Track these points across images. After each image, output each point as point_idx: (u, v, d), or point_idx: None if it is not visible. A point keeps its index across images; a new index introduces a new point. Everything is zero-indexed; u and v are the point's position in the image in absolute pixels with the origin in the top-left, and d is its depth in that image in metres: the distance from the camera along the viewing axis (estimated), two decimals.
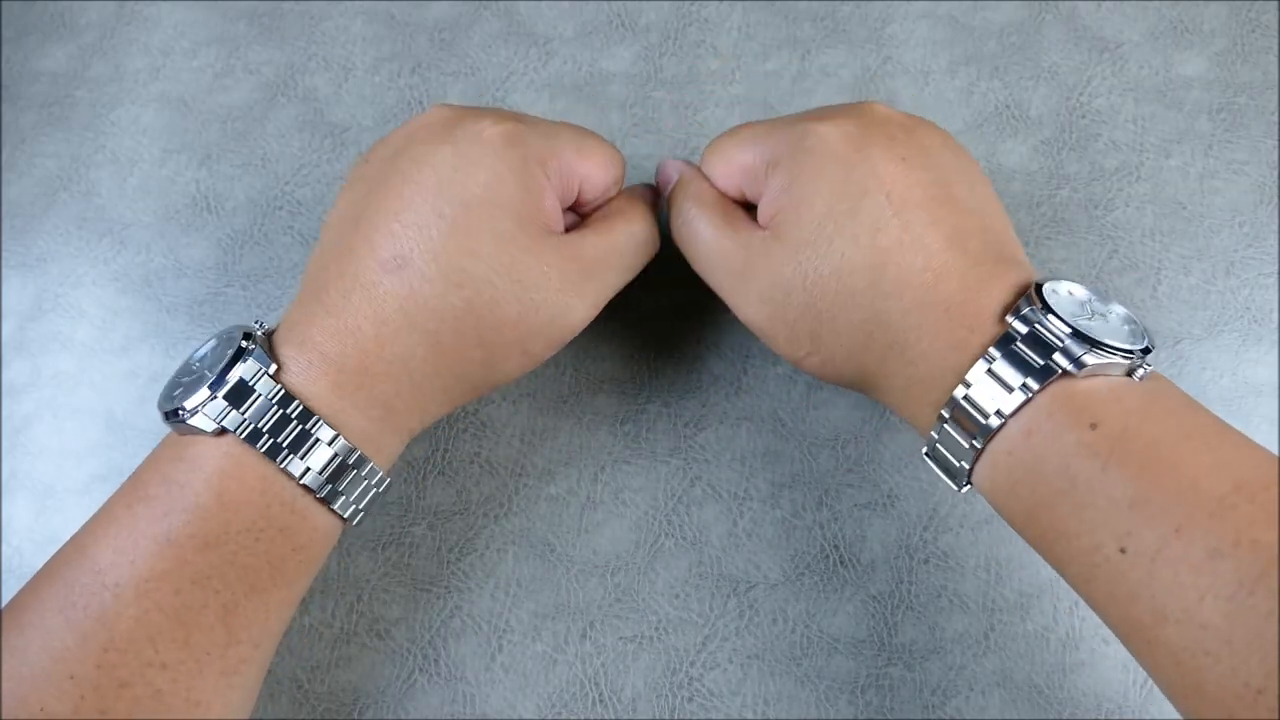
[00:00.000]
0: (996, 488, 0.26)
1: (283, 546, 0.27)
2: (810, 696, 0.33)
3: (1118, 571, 0.23)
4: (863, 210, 0.28)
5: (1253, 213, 0.38)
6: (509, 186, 0.29)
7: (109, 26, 0.44)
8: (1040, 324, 0.25)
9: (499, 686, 0.34)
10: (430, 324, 0.28)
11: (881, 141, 0.28)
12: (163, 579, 0.25)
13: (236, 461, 0.27)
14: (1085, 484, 0.24)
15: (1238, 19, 0.41)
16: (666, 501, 0.36)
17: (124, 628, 0.25)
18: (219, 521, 0.26)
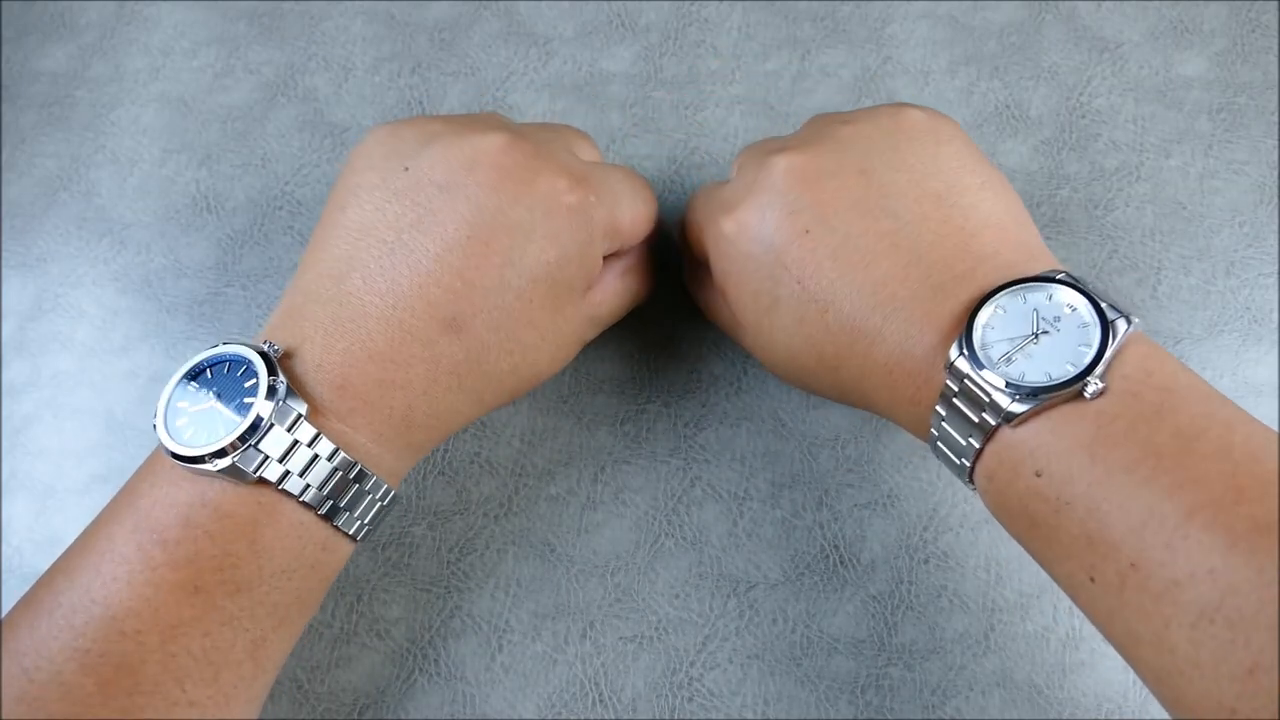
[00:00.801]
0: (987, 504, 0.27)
1: (312, 581, 0.27)
2: (810, 696, 0.33)
3: (1092, 597, 0.24)
4: (781, 302, 0.28)
5: (1253, 213, 0.38)
6: (574, 266, 0.29)
7: (109, 26, 0.44)
8: (968, 377, 0.25)
9: (499, 686, 0.34)
10: (479, 386, 0.29)
11: (782, 220, 0.28)
12: (192, 625, 0.24)
13: (272, 512, 0.26)
14: (1044, 523, 0.24)
15: (1238, 19, 0.41)
16: (666, 501, 0.36)
17: (150, 672, 0.24)
18: (252, 568, 0.25)
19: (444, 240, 0.27)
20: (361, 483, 0.27)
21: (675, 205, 0.40)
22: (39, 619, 0.25)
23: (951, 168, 0.28)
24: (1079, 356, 0.24)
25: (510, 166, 0.28)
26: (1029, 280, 0.25)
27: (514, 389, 0.30)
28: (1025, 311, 0.25)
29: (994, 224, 0.27)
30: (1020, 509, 0.25)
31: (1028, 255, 0.27)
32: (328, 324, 0.27)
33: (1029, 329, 0.25)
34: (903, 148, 0.29)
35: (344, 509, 0.27)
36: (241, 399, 0.25)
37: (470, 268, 0.27)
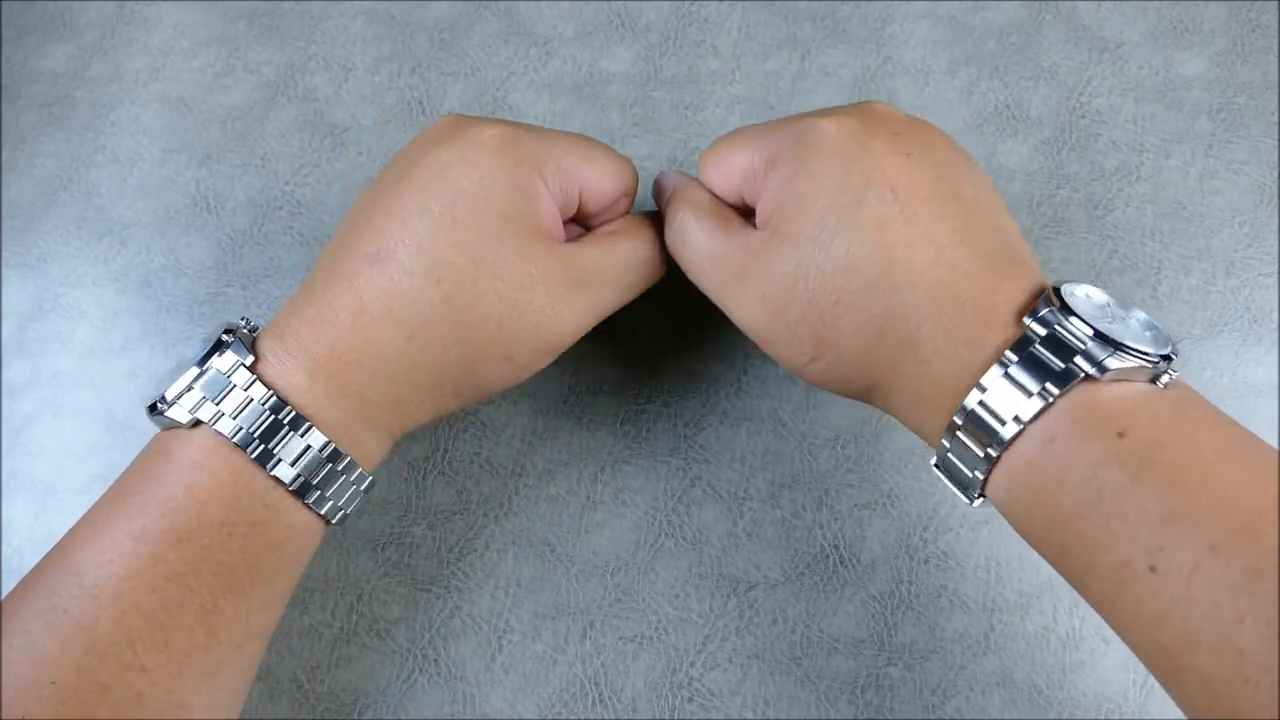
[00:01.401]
0: (1014, 499, 0.25)
1: (257, 543, 0.27)
2: (810, 696, 0.33)
3: (1147, 591, 0.22)
4: (866, 203, 0.26)
5: (1253, 213, 0.38)
6: (500, 185, 0.28)
7: (109, 26, 0.44)
8: (1060, 326, 0.24)
9: (499, 686, 0.34)
10: (408, 317, 0.27)
11: (884, 136, 0.28)
12: (138, 577, 0.25)
13: (209, 454, 0.26)
14: (1112, 496, 0.22)
15: (1238, 19, 0.41)
16: (666, 501, 0.36)
17: (103, 631, 0.24)
18: (191, 515, 0.26)
19: (376, 191, 0.29)
20: (295, 428, 0.27)
21: None
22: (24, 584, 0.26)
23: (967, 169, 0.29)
24: (1156, 345, 0.24)
25: (443, 126, 0.30)
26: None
27: (456, 328, 0.28)
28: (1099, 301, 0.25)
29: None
30: (1084, 479, 0.23)
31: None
32: (294, 296, 0.29)
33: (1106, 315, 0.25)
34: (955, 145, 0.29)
35: (276, 454, 0.27)
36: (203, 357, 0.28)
37: (393, 202, 0.28)
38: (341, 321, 0.27)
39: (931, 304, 0.26)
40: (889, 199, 0.26)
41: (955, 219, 0.26)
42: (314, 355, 0.27)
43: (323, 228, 0.40)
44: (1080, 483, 0.23)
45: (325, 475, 0.28)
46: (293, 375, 0.27)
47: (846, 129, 0.28)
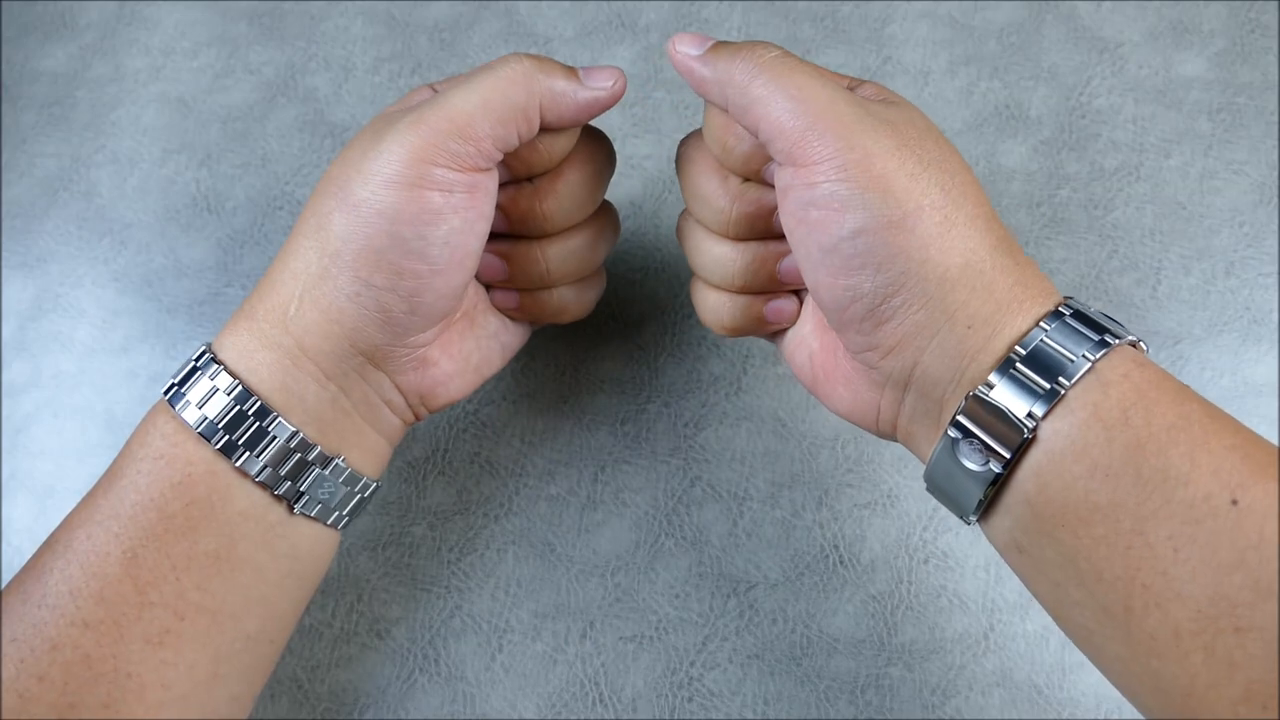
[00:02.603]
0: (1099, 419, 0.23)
1: (161, 479, 0.26)
2: (810, 696, 0.33)
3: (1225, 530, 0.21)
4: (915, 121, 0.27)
5: (1253, 213, 0.38)
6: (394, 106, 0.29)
7: (109, 26, 0.44)
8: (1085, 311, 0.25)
9: (499, 686, 0.34)
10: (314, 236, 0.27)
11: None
12: (75, 527, 0.26)
13: (153, 417, 0.27)
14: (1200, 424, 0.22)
15: (1238, 19, 0.41)
16: (666, 501, 0.36)
17: (51, 582, 0.25)
18: (120, 459, 0.27)
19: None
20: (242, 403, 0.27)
21: (676, 205, 0.40)
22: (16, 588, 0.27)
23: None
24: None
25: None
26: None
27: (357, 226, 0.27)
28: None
29: None
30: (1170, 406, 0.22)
31: None
32: None
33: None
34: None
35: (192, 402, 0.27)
36: None
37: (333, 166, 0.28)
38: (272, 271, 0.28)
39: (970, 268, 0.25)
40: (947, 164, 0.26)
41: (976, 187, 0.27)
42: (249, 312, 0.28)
43: None
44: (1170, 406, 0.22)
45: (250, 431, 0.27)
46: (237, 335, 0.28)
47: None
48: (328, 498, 0.28)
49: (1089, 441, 0.23)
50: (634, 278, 0.39)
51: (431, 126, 0.26)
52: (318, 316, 0.27)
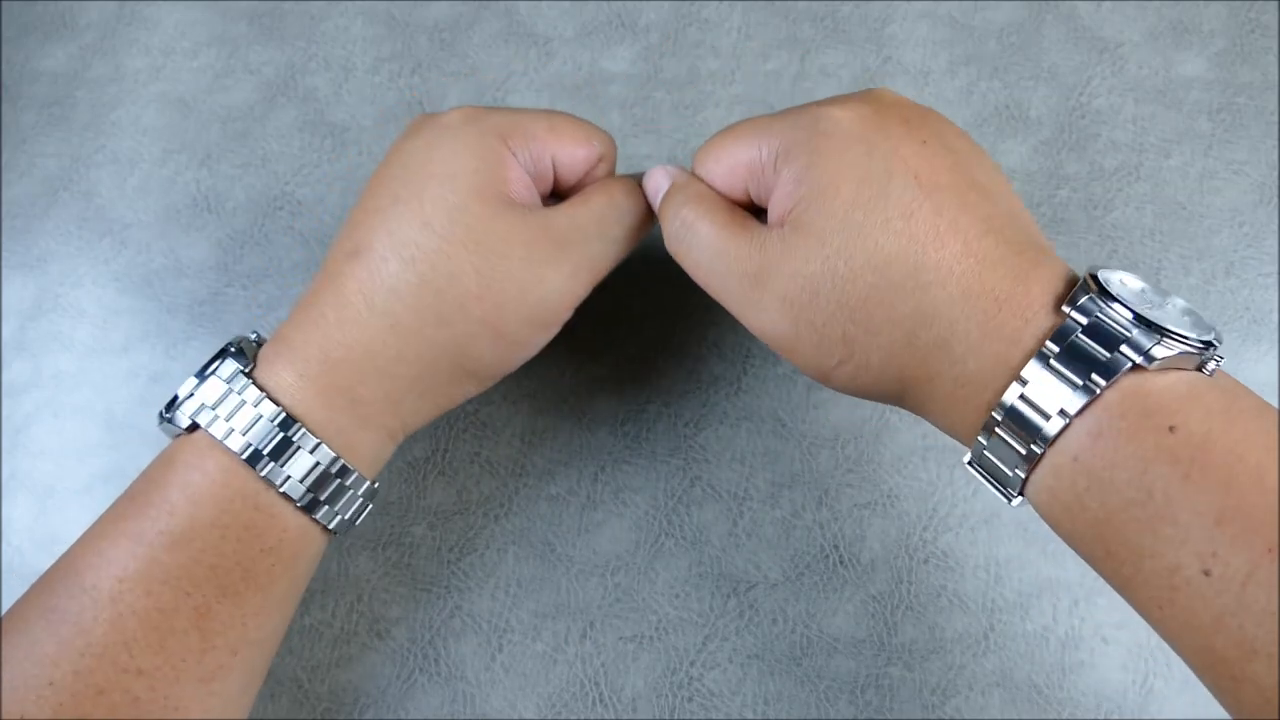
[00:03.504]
0: (1056, 499, 0.24)
1: (251, 546, 0.27)
2: (810, 696, 0.33)
3: (1200, 597, 0.21)
4: (892, 194, 0.25)
5: (1253, 213, 0.38)
6: (464, 159, 0.28)
7: (109, 26, 0.44)
8: (1102, 313, 0.23)
9: (499, 686, 0.34)
10: (388, 304, 0.27)
11: (898, 123, 0.27)
12: (135, 580, 0.25)
13: (202, 455, 0.27)
14: (1164, 495, 0.21)
15: (1238, 19, 0.41)
16: (666, 501, 0.36)
17: (100, 633, 0.25)
18: (185, 517, 0.26)
19: (362, 194, 0.30)
20: (286, 430, 0.27)
21: None
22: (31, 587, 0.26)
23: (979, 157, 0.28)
24: (1201, 330, 0.23)
25: (415, 123, 0.31)
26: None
27: (437, 308, 0.27)
28: (1135, 288, 0.25)
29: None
30: (1133, 477, 0.22)
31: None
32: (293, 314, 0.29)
33: (1145, 301, 0.24)
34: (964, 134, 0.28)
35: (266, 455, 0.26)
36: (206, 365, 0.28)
37: (368, 199, 0.29)
38: (327, 320, 0.27)
39: (963, 300, 0.24)
40: (914, 188, 0.25)
41: (978, 207, 0.25)
42: (304, 357, 0.27)
43: (323, 227, 0.40)
44: (1129, 481, 0.22)
45: (318, 478, 0.27)
46: (283, 376, 0.27)
47: (861, 116, 0.27)
48: (349, 511, 0.29)
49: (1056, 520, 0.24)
50: (634, 278, 0.39)
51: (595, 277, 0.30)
52: (430, 407, 0.30)
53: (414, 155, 0.29)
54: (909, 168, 0.25)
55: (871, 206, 0.25)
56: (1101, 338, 0.23)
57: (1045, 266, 0.25)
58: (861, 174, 0.26)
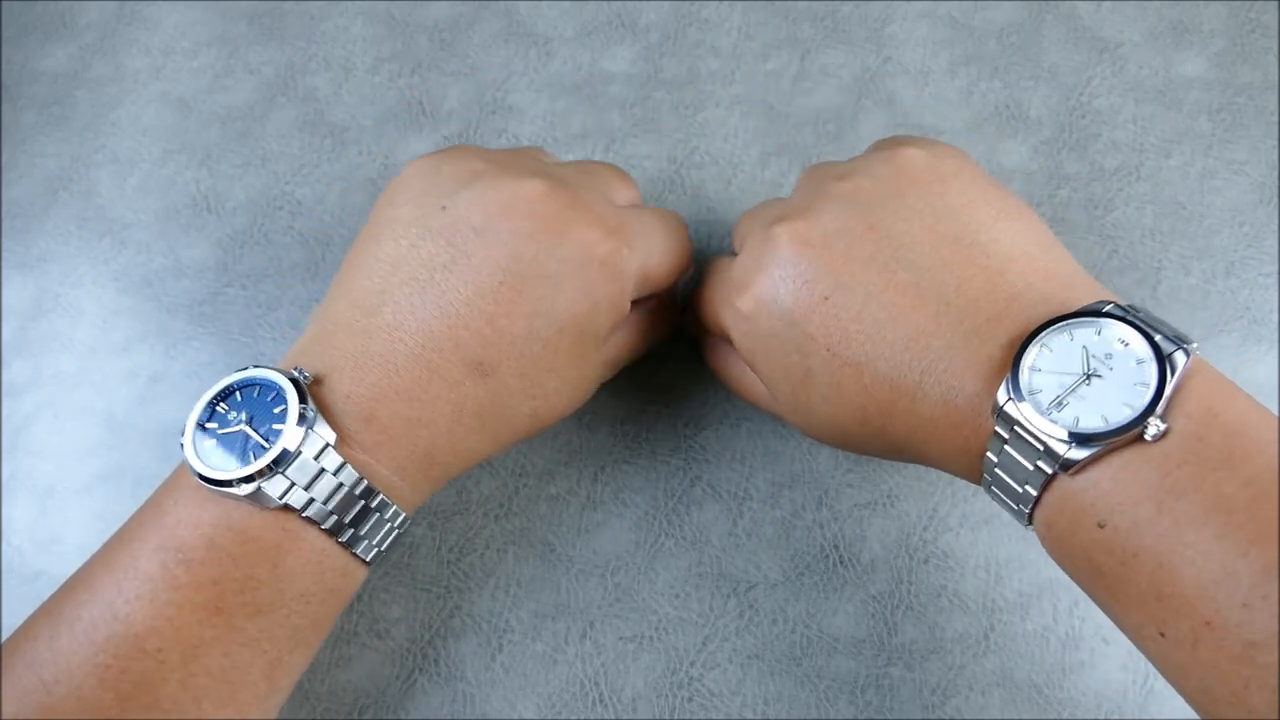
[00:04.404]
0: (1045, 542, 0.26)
1: (330, 605, 0.28)
2: (810, 696, 0.33)
3: (1163, 652, 0.22)
4: (814, 373, 0.27)
5: (1253, 213, 0.38)
6: (601, 319, 0.29)
7: (109, 26, 0.44)
8: (1019, 424, 0.23)
9: (499, 686, 0.34)
10: (499, 427, 0.29)
11: (798, 291, 0.27)
12: (212, 645, 0.25)
13: (295, 537, 0.26)
14: (1109, 575, 0.23)
15: (1238, 19, 0.41)
16: (666, 501, 0.36)
17: (169, 691, 0.24)
18: (273, 592, 0.26)
19: (476, 285, 0.27)
20: (382, 512, 0.27)
21: (675, 205, 0.40)
22: (59, 630, 0.25)
23: (962, 204, 0.27)
24: (1136, 397, 0.23)
25: (546, 215, 0.28)
26: (1073, 315, 0.24)
27: (530, 430, 0.30)
28: (1073, 349, 0.24)
29: (1019, 255, 0.26)
30: (1083, 559, 0.24)
31: (1063, 284, 0.26)
32: (357, 355, 0.27)
33: (1079, 368, 0.23)
34: (907, 194, 0.28)
35: (363, 536, 0.27)
36: (271, 424, 0.26)
37: (500, 315, 0.27)
38: (438, 426, 0.27)
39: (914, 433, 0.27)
40: (830, 362, 0.27)
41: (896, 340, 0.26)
42: (409, 452, 0.27)
43: (323, 227, 0.40)
44: (1081, 562, 0.24)
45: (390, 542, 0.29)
46: (382, 466, 0.27)
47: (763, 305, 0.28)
48: (387, 545, 0.29)
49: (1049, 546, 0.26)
50: None
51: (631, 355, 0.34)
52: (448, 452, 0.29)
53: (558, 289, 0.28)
54: (818, 343, 0.27)
55: (805, 389, 0.28)
56: (1025, 447, 0.24)
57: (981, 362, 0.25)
58: (783, 366, 0.28)
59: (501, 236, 0.28)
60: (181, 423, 0.36)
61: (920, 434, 0.27)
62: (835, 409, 0.28)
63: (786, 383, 0.29)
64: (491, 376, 0.28)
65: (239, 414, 0.26)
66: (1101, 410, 0.23)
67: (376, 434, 0.27)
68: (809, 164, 0.40)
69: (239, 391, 0.27)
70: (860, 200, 0.28)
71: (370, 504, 0.27)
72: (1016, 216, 0.27)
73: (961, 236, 0.27)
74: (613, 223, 0.29)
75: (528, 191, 0.28)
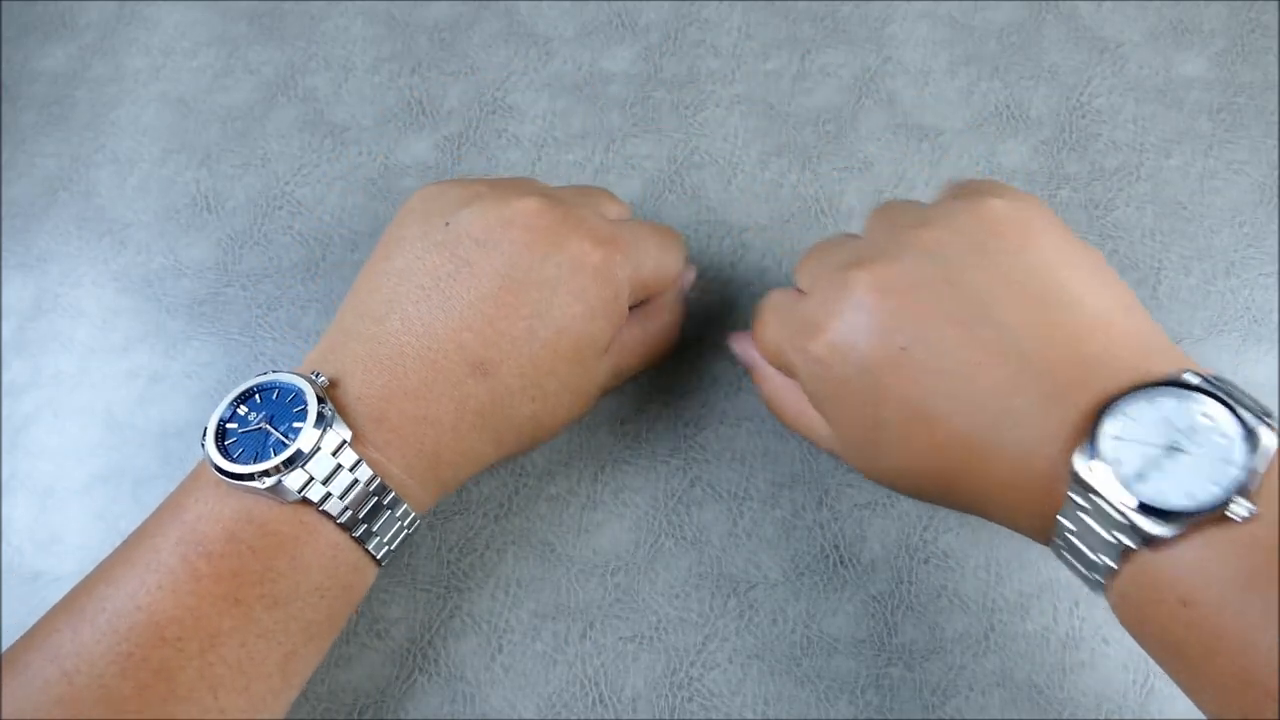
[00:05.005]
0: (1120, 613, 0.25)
1: (343, 601, 0.28)
2: (810, 696, 0.33)
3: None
4: (886, 423, 0.27)
5: (1253, 213, 0.38)
6: (598, 323, 0.30)
7: (109, 26, 0.44)
8: (1098, 494, 0.23)
9: (499, 686, 0.34)
10: (501, 427, 0.30)
11: (875, 340, 0.27)
12: (230, 635, 0.26)
13: (312, 531, 0.27)
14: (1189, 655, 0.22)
15: (1238, 19, 0.41)
16: (666, 501, 0.36)
17: (186, 679, 0.25)
18: (290, 584, 0.27)
19: (478, 290, 0.29)
20: (393, 509, 0.28)
21: (675, 205, 0.40)
22: (81, 623, 0.25)
23: (1045, 262, 0.27)
24: (1223, 475, 0.22)
25: (542, 227, 0.30)
26: (1156, 384, 0.23)
27: (533, 435, 0.31)
28: (1155, 420, 0.23)
29: (1102, 318, 0.26)
30: (1161, 634, 0.23)
31: (1146, 350, 0.25)
32: (366, 359, 0.29)
33: (1162, 440, 0.23)
34: (989, 247, 0.27)
35: (375, 533, 0.28)
36: (291, 423, 0.27)
37: (501, 317, 0.29)
38: (443, 424, 0.29)
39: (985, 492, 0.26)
40: (903, 414, 0.27)
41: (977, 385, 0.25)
42: (417, 451, 0.29)
43: (322, 227, 0.40)
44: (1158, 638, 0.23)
45: (399, 541, 0.30)
46: (392, 464, 0.28)
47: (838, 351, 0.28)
48: (397, 544, 0.30)
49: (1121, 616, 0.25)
50: None
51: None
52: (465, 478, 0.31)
53: (555, 291, 0.29)
54: (893, 395, 0.27)
55: (873, 438, 0.28)
56: (1103, 518, 0.23)
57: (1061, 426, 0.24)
58: (854, 415, 0.28)
59: (501, 247, 0.29)
60: (181, 423, 0.36)
61: (990, 493, 0.26)
62: (903, 460, 0.28)
63: (854, 429, 0.29)
64: (492, 376, 0.29)
65: (259, 414, 0.28)
66: (1187, 486, 0.22)
67: (387, 432, 0.28)
68: (809, 163, 0.40)
69: (258, 394, 0.28)
70: (941, 252, 0.27)
71: (383, 500, 0.28)
72: (1099, 276, 0.27)
73: (1044, 295, 0.26)
74: (604, 233, 0.31)
75: (525, 207, 0.30)
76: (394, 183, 0.41)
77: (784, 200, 0.40)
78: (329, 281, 0.40)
